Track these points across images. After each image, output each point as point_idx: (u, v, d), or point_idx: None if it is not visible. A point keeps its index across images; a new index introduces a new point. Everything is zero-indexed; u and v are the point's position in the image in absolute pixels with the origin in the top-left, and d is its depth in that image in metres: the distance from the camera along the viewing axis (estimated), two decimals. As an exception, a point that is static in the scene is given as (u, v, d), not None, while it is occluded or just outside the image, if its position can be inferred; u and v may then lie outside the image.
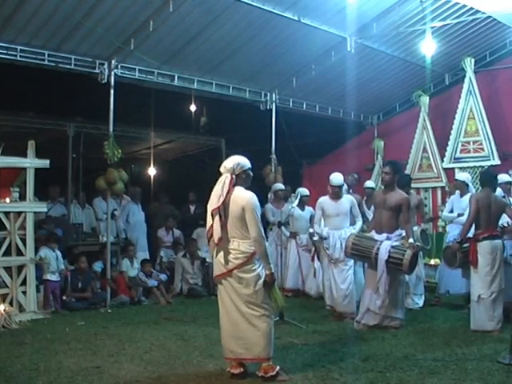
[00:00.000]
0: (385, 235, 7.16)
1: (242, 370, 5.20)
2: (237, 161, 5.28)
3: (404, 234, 7.18)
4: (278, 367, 5.15)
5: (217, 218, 5.14)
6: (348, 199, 8.09)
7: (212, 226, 5.18)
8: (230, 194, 5.14)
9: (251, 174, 5.36)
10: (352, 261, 7.89)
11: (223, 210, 5.15)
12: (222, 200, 5.10)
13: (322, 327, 7.35)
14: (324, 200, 8.13)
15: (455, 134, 10.94)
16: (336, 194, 7.99)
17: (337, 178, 8.00)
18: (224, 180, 5.19)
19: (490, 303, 6.89)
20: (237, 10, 8.45)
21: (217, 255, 5.25)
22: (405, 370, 5.35)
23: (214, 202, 5.15)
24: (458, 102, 10.94)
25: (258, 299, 5.12)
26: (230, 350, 5.21)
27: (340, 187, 8.01)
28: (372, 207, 8.92)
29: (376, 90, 12.06)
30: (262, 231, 5.15)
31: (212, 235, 5.22)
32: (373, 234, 7.37)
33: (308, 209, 9.96)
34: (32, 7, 7.46)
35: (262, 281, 5.13)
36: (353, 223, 8.12)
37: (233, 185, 5.18)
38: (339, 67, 10.29)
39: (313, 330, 7.13)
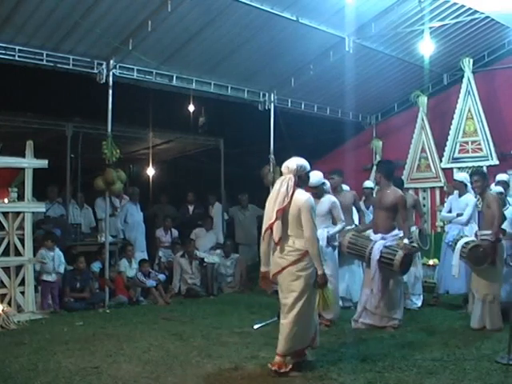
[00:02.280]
0: (380, 235, 7.17)
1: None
2: (300, 163, 5.53)
3: (401, 235, 7.16)
4: (290, 366, 5.25)
5: (280, 217, 5.33)
6: (329, 200, 7.64)
7: (272, 224, 5.33)
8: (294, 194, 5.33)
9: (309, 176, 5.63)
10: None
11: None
12: (287, 201, 5.31)
13: (320, 327, 7.33)
14: None
15: (453, 134, 10.97)
16: (314, 195, 7.60)
17: (314, 177, 7.34)
18: (288, 181, 5.39)
19: (498, 302, 7.02)
20: (235, 10, 8.44)
21: (273, 253, 5.43)
22: (403, 370, 5.36)
23: (278, 202, 5.32)
24: (457, 102, 10.97)
25: (303, 298, 5.26)
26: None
27: (318, 187, 7.57)
28: (371, 207, 8.97)
29: (374, 90, 12.07)
30: (316, 232, 5.32)
31: (271, 232, 5.37)
32: (370, 233, 7.39)
33: None
34: (30, 7, 7.45)
35: (313, 280, 5.30)
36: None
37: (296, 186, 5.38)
38: (338, 67, 10.28)
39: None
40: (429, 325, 7.48)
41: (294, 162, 5.51)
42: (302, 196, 5.36)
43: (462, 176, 8.88)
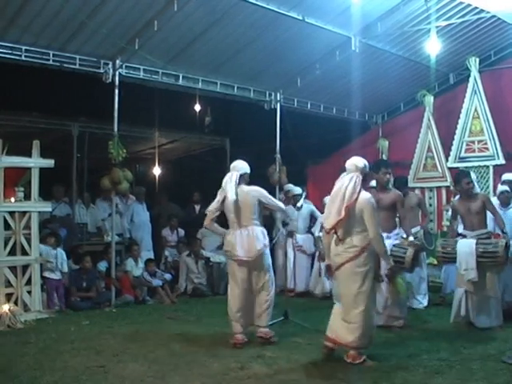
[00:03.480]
0: (385, 234, 7.15)
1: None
2: (365, 161, 5.67)
3: (403, 234, 7.15)
4: (364, 356, 5.48)
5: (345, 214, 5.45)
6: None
7: (341, 220, 5.45)
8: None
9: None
10: None
11: None
12: (354, 197, 5.45)
13: (326, 326, 7.32)
14: None
15: (460, 134, 10.91)
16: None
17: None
18: (355, 179, 5.51)
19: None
20: (241, 10, 8.44)
21: (334, 247, 5.63)
22: (409, 369, 5.35)
23: (346, 199, 5.45)
24: (463, 101, 10.92)
25: (363, 293, 5.44)
26: (332, 330, 5.69)
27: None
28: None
29: (380, 90, 12.03)
30: (380, 230, 5.50)
31: (335, 228, 5.54)
32: None
33: (305, 206, 9.84)
34: (36, 7, 7.46)
35: (371, 275, 5.50)
36: None
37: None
38: (344, 67, 10.26)
39: (317, 330, 7.10)
40: (435, 324, 7.48)
41: (361, 161, 5.65)
42: (365, 195, 5.51)
43: (468, 175, 8.86)
